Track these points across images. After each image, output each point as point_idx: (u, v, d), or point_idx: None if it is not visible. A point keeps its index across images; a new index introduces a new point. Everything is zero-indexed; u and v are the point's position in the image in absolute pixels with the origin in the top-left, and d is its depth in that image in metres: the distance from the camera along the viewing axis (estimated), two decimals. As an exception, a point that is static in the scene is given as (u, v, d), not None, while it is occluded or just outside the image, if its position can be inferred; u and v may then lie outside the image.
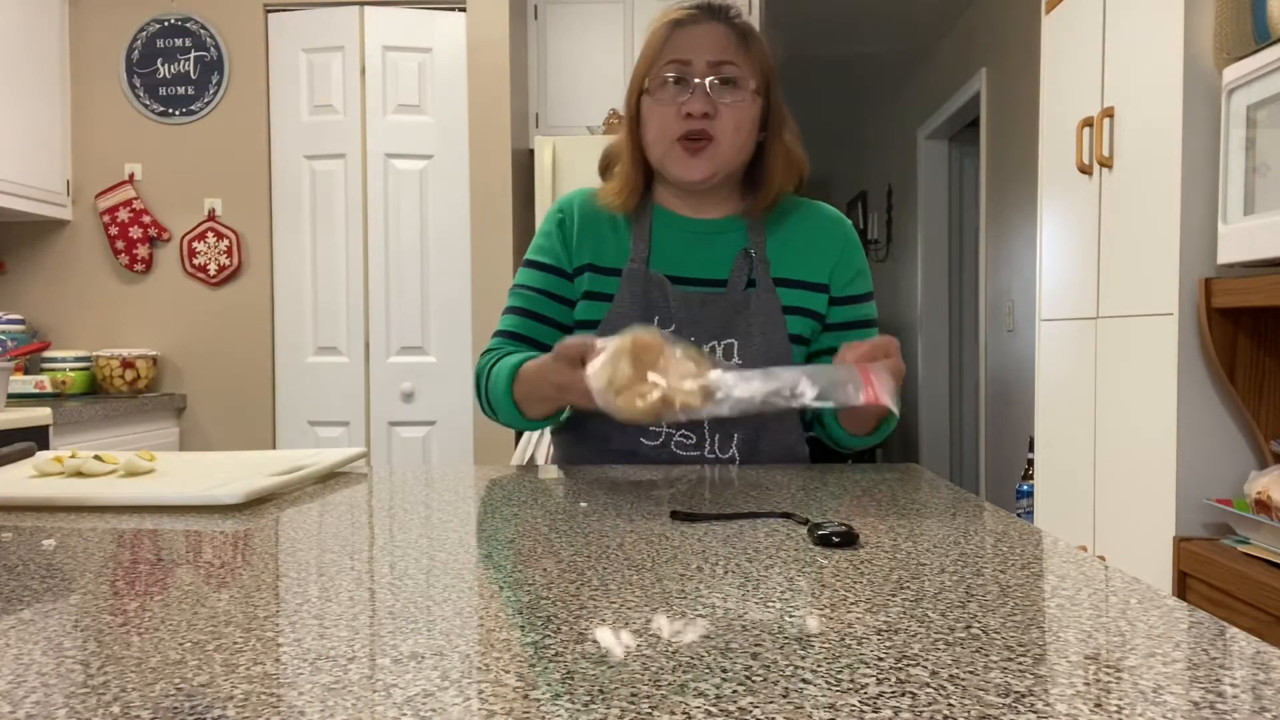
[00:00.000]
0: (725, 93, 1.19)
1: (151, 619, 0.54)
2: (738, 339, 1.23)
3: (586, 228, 1.29)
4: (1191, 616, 0.53)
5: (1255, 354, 1.74)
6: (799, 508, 0.87)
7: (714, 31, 1.20)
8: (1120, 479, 2.04)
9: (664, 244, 1.27)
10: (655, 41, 1.22)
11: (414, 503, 0.95)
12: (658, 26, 1.23)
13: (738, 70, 1.19)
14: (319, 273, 3.31)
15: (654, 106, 1.21)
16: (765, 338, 1.23)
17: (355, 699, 0.42)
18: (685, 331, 1.21)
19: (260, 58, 3.30)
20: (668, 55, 1.20)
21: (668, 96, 1.20)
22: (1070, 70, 2.34)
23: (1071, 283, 2.32)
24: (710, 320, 1.22)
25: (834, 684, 0.43)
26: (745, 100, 1.20)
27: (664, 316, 1.22)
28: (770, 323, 1.24)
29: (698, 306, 1.23)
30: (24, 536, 0.78)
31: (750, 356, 1.22)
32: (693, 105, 1.18)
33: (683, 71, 1.19)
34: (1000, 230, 4.22)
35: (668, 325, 1.21)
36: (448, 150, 3.27)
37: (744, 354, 1.22)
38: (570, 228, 1.29)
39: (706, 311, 1.23)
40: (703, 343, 1.22)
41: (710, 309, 1.23)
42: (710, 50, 1.19)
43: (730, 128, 1.19)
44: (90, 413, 2.78)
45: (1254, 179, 1.64)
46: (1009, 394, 4.12)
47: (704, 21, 1.21)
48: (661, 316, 1.22)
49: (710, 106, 1.18)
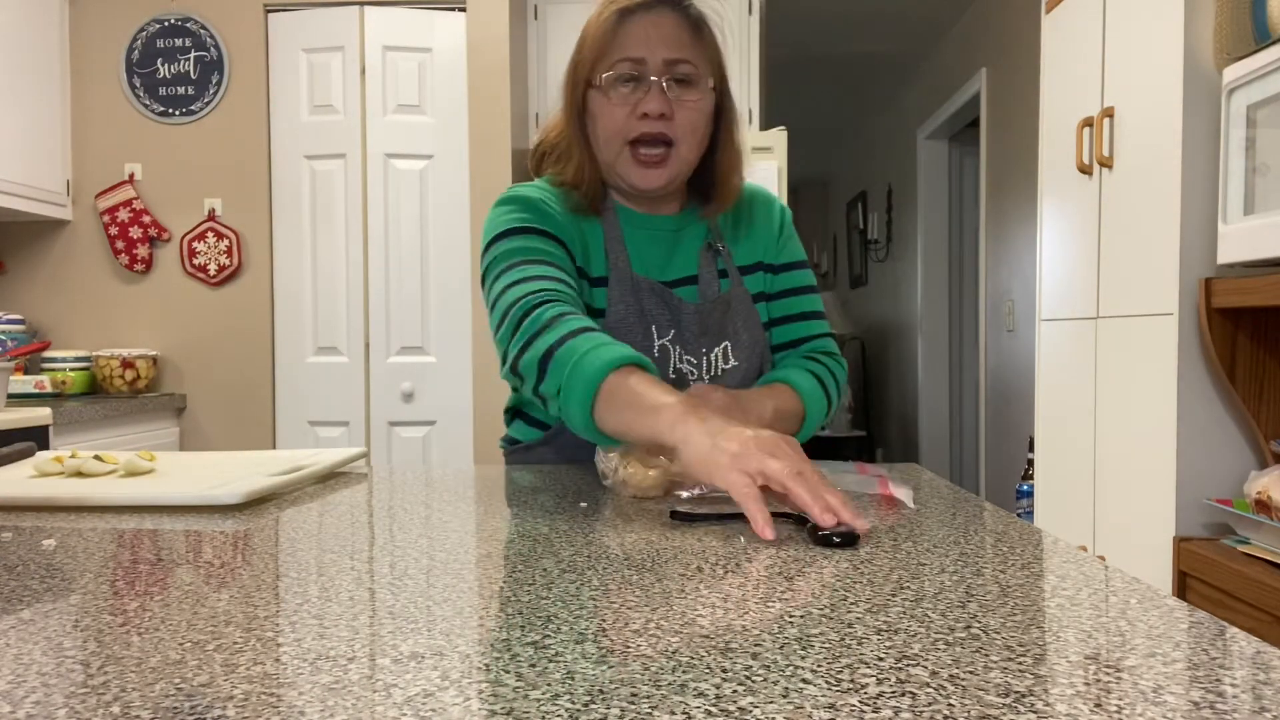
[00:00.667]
0: (682, 91, 1.13)
1: (151, 619, 0.54)
2: (730, 340, 1.21)
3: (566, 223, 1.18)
4: (1191, 616, 0.53)
5: (1255, 354, 1.74)
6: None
7: (666, 23, 1.13)
8: (1120, 479, 2.04)
9: (635, 245, 1.21)
10: (603, 32, 1.14)
11: (414, 503, 0.95)
12: (606, 15, 1.14)
13: (693, 68, 1.13)
14: (319, 273, 3.31)
15: (605, 104, 1.14)
16: (750, 334, 1.22)
17: (355, 699, 0.41)
18: (691, 341, 1.19)
19: (260, 58, 3.30)
20: (620, 51, 1.12)
21: (620, 96, 1.13)
22: (1070, 70, 2.34)
23: (1071, 283, 2.32)
24: (712, 327, 1.21)
25: (834, 684, 0.43)
26: (702, 99, 1.15)
27: (660, 325, 1.17)
28: (749, 317, 1.23)
29: (695, 315, 1.19)
30: (24, 536, 0.78)
31: (742, 356, 1.22)
32: (649, 105, 1.11)
33: (637, 70, 1.12)
34: (1000, 230, 4.22)
35: (665, 334, 1.17)
36: (448, 150, 3.27)
37: (737, 354, 1.21)
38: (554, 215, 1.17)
39: (711, 319, 1.20)
40: (708, 350, 1.20)
41: (708, 316, 1.20)
42: (664, 46, 1.12)
43: (688, 129, 1.14)
44: (90, 413, 2.78)
45: (1254, 179, 1.64)
46: (1009, 394, 4.12)
47: (655, 9, 1.13)
48: (658, 325, 1.17)
49: (667, 107, 1.12)
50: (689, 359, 1.19)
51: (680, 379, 1.18)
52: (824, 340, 1.30)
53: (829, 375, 1.23)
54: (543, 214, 1.16)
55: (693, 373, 1.19)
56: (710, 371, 1.20)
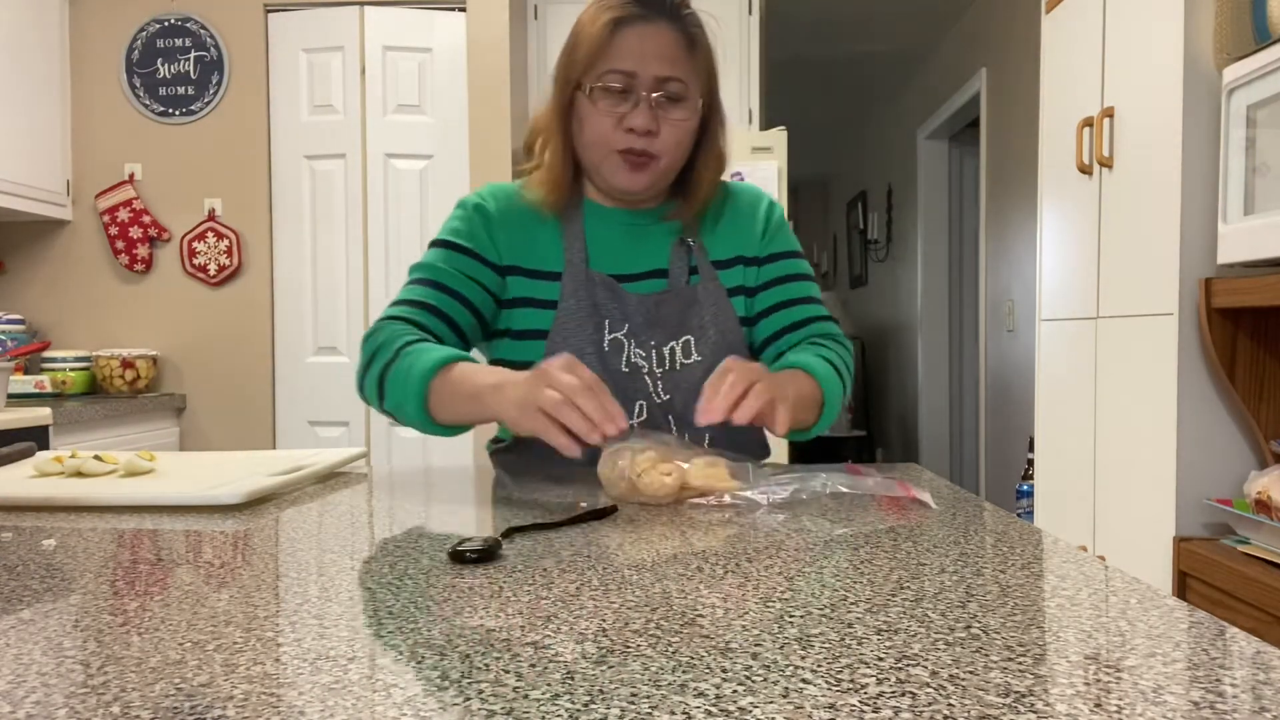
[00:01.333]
0: (670, 108, 1.14)
1: (151, 619, 0.54)
2: (692, 335, 1.20)
3: (512, 226, 1.21)
4: (1191, 616, 0.53)
5: (1255, 354, 1.74)
6: (800, 507, 0.87)
7: (660, 37, 1.12)
8: (1120, 479, 2.04)
9: (599, 240, 1.21)
10: (596, 39, 1.12)
11: (414, 503, 0.95)
12: (603, 21, 1.12)
13: (682, 85, 1.13)
14: (319, 273, 3.31)
15: (592, 111, 1.14)
16: (718, 328, 1.21)
17: (355, 699, 0.42)
18: (641, 334, 1.18)
19: (260, 58, 3.30)
20: (611, 62, 1.12)
21: (608, 106, 1.13)
22: (1070, 70, 2.34)
23: (1071, 283, 2.32)
24: (666, 320, 1.20)
25: (834, 684, 0.43)
26: (688, 117, 1.15)
27: (614, 319, 1.18)
28: (720, 312, 1.22)
29: (653, 308, 1.19)
30: (24, 536, 0.78)
31: (706, 351, 1.20)
32: (635, 121, 1.12)
33: (626, 83, 1.12)
34: (1000, 230, 4.22)
35: (619, 328, 1.17)
36: (448, 150, 3.27)
37: (700, 349, 1.20)
38: (494, 222, 1.21)
39: (662, 312, 1.19)
40: (661, 344, 1.19)
41: (665, 309, 1.20)
42: (656, 61, 1.12)
43: (672, 144, 1.15)
44: (90, 413, 2.78)
45: (1254, 179, 1.64)
46: (1009, 394, 4.12)
47: (651, 20, 1.12)
48: (611, 318, 1.18)
49: (654, 124, 1.13)
50: (639, 351, 1.18)
51: (634, 372, 1.17)
52: (825, 324, 1.28)
53: (839, 359, 1.21)
54: (486, 223, 1.21)
55: (644, 366, 1.18)
56: (665, 365, 1.19)
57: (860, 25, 4.89)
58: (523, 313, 1.20)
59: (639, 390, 1.18)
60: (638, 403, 1.17)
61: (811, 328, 1.26)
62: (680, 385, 1.18)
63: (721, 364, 1.00)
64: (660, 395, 1.18)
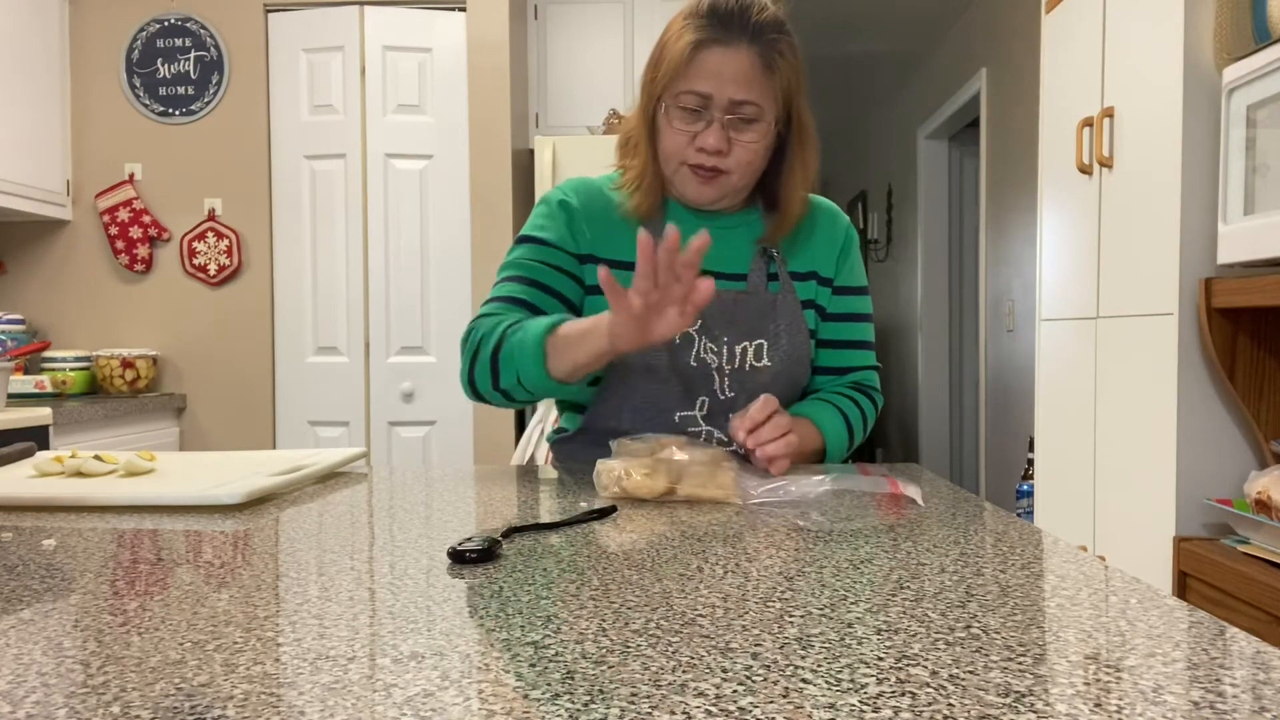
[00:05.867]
0: (743, 130, 1.16)
1: (151, 619, 0.54)
2: (766, 340, 1.23)
3: (595, 218, 1.25)
4: (1191, 616, 0.53)
5: (1255, 354, 1.74)
6: (800, 507, 0.87)
7: (739, 60, 1.14)
8: (1120, 479, 2.04)
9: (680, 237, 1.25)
10: (676, 59, 1.15)
11: (414, 503, 0.95)
12: (684, 42, 1.15)
13: (757, 108, 1.16)
14: (319, 273, 3.31)
15: (667, 126, 1.19)
16: (791, 339, 1.24)
17: (355, 699, 0.42)
18: (714, 330, 1.20)
19: (260, 58, 3.30)
20: (689, 82, 1.15)
21: (682, 124, 1.17)
22: (1070, 70, 2.34)
23: (1071, 283, 2.32)
24: (741, 320, 1.22)
25: (834, 684, 0.43)
26: (759, 139, 1.18)
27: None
28: (794, 324, 1.25)
29: (730, 305, 1.22)
30: (24, 536, 0.78)
31: (777, 358, 1.23)
32: (707, 141, 1.16)
33: (701, 104, 1.15)
34: (1000, 230, 4.22)
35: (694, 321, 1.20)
36: (448, 150, 3.27)
37: (772, 355, 1.22)
38: (577, 215, 1.25)
39: (739, 311, 1.22)
40: (734, 343, 1.21)
41: (742, 309, 1.22)
42: (733, 84, 1.14)
43: (742, 163, 1.18)
44: (90, 413, 2.78)
45: (1254, 179, 1.64)
46: (1009, 394, 4.12)
47: (732, 43, 1.14)
48: None
49: (725, 145, 1.16)
50: (711, 347, 1.21)
51: (702, 367, 1.20)
52: (868, 373, 1.34)
53: (858, 413, 1.26)
54: (568, 216, 1.25)
55: (713, 362, 1.21)
56: (734, 364, 1.21)
57: (860, 25, 4.89)
58: (600, 299, 1.22)
59: (704, 385, 1.21)
60: (700, 398, 1.21)
61: (851, 377, 1.32)
62: (745, 386, 1.21)
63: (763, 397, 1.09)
64: (725, 392, 1.21)
